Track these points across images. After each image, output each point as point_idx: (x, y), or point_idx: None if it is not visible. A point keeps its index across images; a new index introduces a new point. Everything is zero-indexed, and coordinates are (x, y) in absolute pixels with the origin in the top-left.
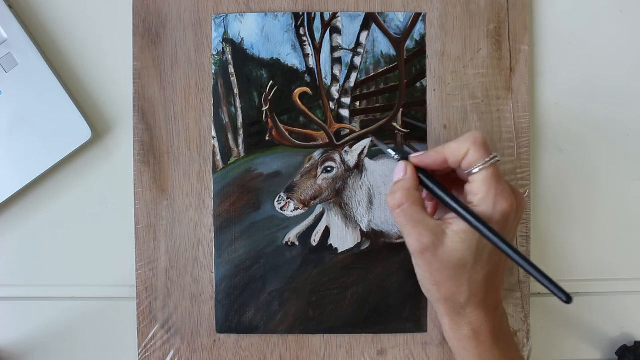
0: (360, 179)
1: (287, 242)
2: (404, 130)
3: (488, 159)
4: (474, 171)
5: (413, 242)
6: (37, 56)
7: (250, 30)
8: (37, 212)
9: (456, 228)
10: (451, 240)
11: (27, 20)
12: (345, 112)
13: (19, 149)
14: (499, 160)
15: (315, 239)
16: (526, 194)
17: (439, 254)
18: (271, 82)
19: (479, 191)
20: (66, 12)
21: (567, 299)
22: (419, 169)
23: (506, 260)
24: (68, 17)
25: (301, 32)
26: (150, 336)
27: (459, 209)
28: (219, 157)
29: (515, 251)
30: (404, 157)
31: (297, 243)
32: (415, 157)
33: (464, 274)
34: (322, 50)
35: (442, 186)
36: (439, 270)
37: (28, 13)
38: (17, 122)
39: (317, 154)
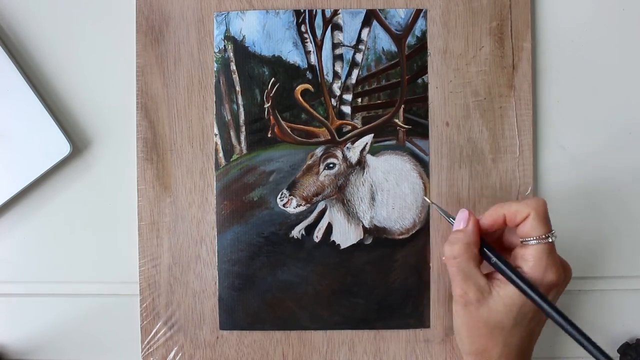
0: (362, 175)
1: (289, 239)
2: (406, 127)
3: (546, 236)
4: (531, 243)
5: (460, 294)
6: (14, 71)
7: (251, 27)
8: (41, 209)
9: (502, 293)
10: (495, 301)
11: (4, 35)
12: (347, 109)
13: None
14: (555, 238)
15: (317, 235)
16: (528, 191)
17: (480, 311)
18: (273, 79)
19: (531, 259)
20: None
21: None
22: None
23: (542, 326)
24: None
25: (302, 29)
26: (153, 333)
27: (518, 282)
28: (221, 154)
29: (573, 326)
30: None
31: (299, 239)
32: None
33: (500, 335)
34: (323, 47)
35: (497, 253)
36: (476, 325)
37: (6, 28)
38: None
39: (319, 151)
